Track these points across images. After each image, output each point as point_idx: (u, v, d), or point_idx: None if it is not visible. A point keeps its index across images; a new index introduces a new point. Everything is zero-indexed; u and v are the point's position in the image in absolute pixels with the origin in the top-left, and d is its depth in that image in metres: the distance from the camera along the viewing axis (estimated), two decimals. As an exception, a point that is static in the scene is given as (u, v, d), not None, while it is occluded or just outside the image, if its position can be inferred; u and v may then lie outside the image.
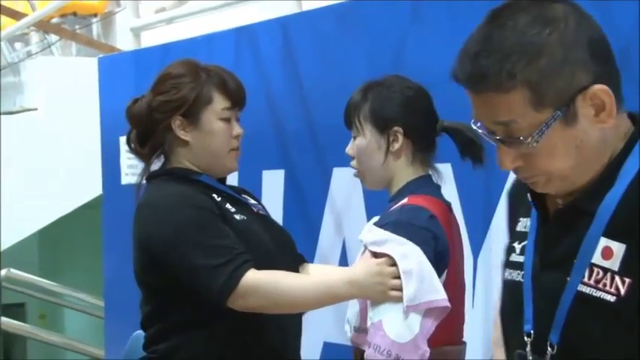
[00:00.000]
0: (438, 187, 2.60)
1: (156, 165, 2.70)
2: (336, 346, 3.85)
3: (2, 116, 8.30)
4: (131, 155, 5.20)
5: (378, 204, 2.71)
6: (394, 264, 2.37)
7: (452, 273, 2.48)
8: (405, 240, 2.38)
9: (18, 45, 9.06)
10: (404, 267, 2.35)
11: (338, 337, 3.59)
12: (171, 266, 2.50)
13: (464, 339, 2.62)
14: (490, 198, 3.23)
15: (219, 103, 2.63)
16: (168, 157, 2.66)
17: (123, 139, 5.27)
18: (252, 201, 2.75)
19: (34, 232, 8.75)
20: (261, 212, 2.72)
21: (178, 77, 2.62)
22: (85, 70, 5.88)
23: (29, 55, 8.29)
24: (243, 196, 2.74)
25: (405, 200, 2.48)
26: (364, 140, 2.54)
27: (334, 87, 3.74)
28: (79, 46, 8.31)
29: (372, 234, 2.46)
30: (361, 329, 2.49)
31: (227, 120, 2.64)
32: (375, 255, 2.43)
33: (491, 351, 3.16)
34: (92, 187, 5.84)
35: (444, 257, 2.44)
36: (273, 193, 4.21)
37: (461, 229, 2.96)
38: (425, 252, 2.37)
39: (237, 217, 2.57)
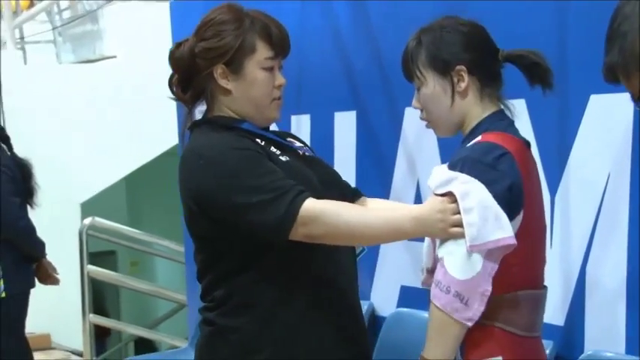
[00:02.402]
0: (512, 123, 2.52)
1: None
2: (413, 289, 3.84)
3: (82, 64, 8.45)
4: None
5: (451, 143, 2.66)
6: (456, 201, 2.34)
7: (529, 213, 2.40)
8: (469, 178, 2.33)
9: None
10: (465, 205, 2.31)
11: (415, 281, 3.56)
12: (222, 212, 2.45)
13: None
14: (565, 134, 3.15)
15: (262, 52, 2.56)
16: (210, 105, 2.62)
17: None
18: (298, 144, 2.73)
19: (121, 183, 8.94)
20: (307, 154, 2.68)
21: (222, 24, 2.56)
22: (163, 14, 5.88)
23: (108, 2, 8.36)
24: (288, 139, 2.71)
25: (478, 138, 2.43)
26: (428, 88, 2.50)
27: (404, 25, 3.65)
28: (157, -9, 8.36)
29: (437, 176, 2.41)
30: (431, 270, 2.49)
31: (270, 69, 2.57)
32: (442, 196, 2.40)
33: (570, 291, 3.13)
34: (173, 134, 5.89)
35: (517, 196, 2.36)
36: (345, 134, 4.20)
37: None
38: (493, 190, 2.31)
39: (283, 158, 2.55)
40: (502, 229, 2.29)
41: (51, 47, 8.88)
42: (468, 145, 2.43)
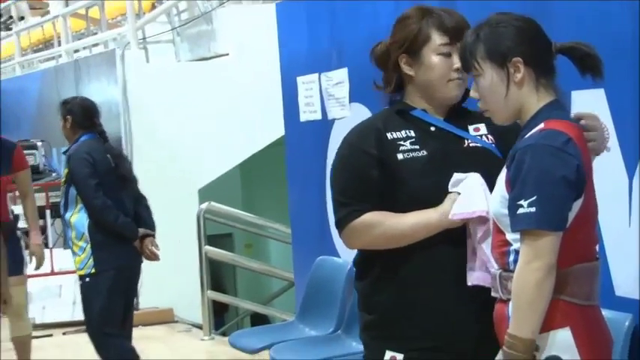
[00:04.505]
0: (568, 111, 2.76)
1: None
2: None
3: (198, 62, 8.99)
4: (308, 94, 5.80)
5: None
6: None
7: (588, 193, 2.62)
8: (464, 175, 2.77)
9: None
10: (458, 189, 2.78)
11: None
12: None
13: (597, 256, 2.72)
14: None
15: (437, 39, 2.87)
16: (402, 95, 2.95)
17: (300, 79, 5.88)
18: (481, 132, 2.92)
19: (236, 171, 9.39)
20: (471, 145, 2.88)
21: (404, 19, 2.95)
22: (271, 15, 6.28)
23: (221, 4, 8.81)
24: (474, 126, 2.92)
25: (541, 125, 2.58)
26: (486, 79, 2.66)
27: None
28: (267, -7, 8.74)
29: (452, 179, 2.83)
30: (470, 268, 2.80)
31: (447, 55, 2.89)
32: None
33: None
34: (280, 126, 6.31)
35: (582, 178, 2.55)
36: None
37: (614, 151, 3.18)
38: (564, 172, 2.51)
39: (401, 156, 2.83)
40: (478, 205, 2.71)
41: (170, 47, 9.45)
42: (531, 133, 2.63)
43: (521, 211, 2.53)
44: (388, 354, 2.83)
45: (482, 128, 2.91)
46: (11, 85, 13.39)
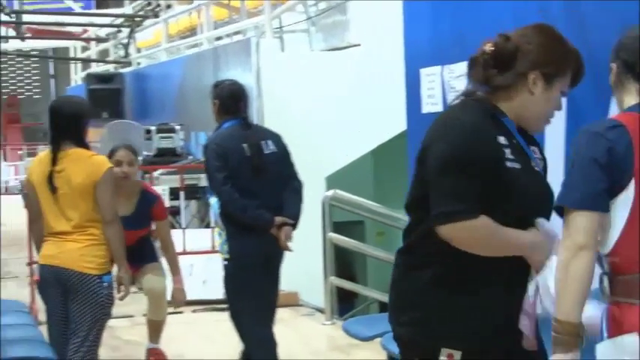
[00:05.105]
0: None
1: None
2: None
3: (330, 52, 9.13)
4: (431, 86, 5.86)
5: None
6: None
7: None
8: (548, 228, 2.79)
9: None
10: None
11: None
12: (430, 177, 2.82)
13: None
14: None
15: (568, 80, 2.91)
16: (499, 95, 2.89)
17: (424, 71, 5.93)
18: (537, 155, 2.94)
19: (369, 159, 9.46)
20: (536, 169, 2.90)
21: (555, 40, 2.92)
22: (401, 7, 6.33)
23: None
24: (532, 148, 2.93)
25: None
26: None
27: (615, 23, 3.73)
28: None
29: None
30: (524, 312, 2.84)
31: (563, 94, 2.94)
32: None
33: None
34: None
35: (616, 163, 2.61)
36: (550, 134, 4.18)
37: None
38: (590, 152, 2.61)
39: (509, 164, 2.78)
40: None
41: (303, 36, 9.62)
42: None
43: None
44: (444, 351, 2.80)
45: (537, 151, 2.96)
46: (156, 71, 13.86)
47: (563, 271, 2.59)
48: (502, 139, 2.81)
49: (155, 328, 6.60)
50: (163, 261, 6.44)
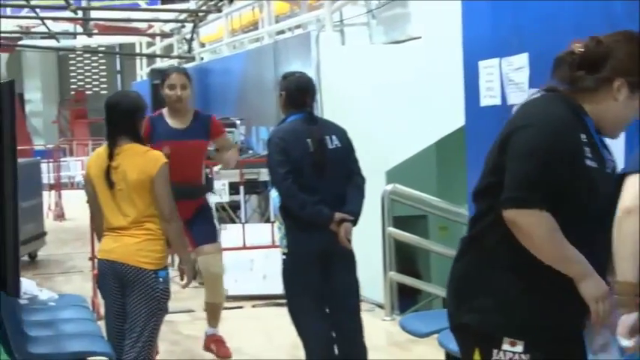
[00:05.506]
0: None
1: None
2: None
3: (390, 45, 9.06)
4: (489, 79, 5.78)
5: None
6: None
7: None
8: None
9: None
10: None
11: None
12: (508, 162, 2.84)
13: None
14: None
15: None
16: (584, 97, 2.92)
17: (482, 64, 5.85)
18: (610, 157, 2.97)
19: (432, 153, 9.37)
20: (608, 171, 2.93)
21: None
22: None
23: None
24: (605, 150, 2.96)
25: None
26: None
27: None
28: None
29: None
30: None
31: None
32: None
33: None
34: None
35: None
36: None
37: None
38: None
39: (589, 162, 2.82)
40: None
41: (364, 29, 9.56)
42: None
43: None
44: (507, 340, 2.82)
45: (609, 154, 2.97)
46: (218, 65, 13.90)
47: (618, 232, 2.78)
48: (583, 137, 2.85)
49: (213, 312, 6.65)
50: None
